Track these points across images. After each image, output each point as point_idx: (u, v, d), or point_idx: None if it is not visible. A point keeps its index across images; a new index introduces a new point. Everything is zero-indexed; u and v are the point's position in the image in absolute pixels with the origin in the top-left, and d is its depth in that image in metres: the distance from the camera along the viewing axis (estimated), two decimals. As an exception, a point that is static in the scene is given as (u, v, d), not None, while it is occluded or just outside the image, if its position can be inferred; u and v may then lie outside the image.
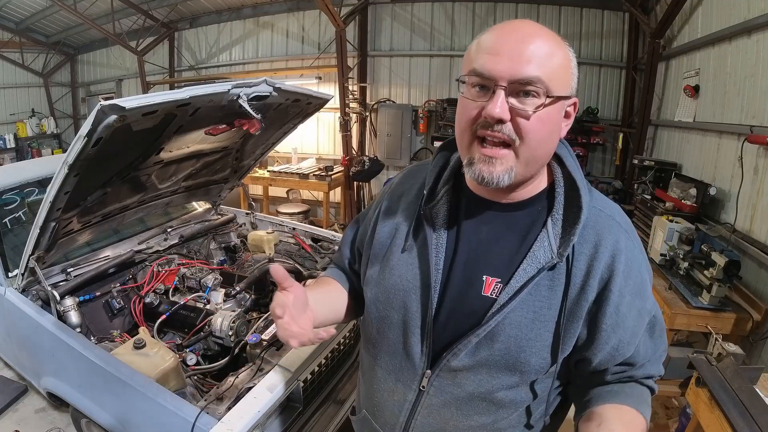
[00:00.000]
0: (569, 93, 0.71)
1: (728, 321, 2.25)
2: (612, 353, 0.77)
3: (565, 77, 0.70)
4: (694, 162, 3.38)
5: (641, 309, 0.77)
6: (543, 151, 0.72)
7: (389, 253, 0.87)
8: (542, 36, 0.67)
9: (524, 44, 0.66)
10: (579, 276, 0.74)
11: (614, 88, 4.93)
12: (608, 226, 0.76)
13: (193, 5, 6.31)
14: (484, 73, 0.67)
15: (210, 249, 2.65)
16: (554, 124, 0.71)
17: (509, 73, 0.65)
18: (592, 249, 0.74)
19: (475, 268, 0.79)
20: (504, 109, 0.66)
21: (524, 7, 4.99)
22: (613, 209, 0.80)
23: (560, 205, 0.77)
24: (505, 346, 0.75)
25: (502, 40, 0.67)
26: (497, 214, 0.80)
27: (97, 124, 1.22)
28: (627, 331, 0.76)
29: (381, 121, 5.59)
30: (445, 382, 0.81)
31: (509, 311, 0.74)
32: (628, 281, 0.74)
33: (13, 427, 2.19)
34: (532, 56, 0.65)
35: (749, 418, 1.39)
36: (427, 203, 0.83)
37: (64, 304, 1.76)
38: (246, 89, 1.59)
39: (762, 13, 2.54)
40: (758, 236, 2.50)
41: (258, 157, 2.66)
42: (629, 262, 0.74)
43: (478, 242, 0.80)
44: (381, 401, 0.91)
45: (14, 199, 2.23)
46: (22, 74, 7.76)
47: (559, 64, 0.68)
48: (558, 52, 0.68)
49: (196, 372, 1.69)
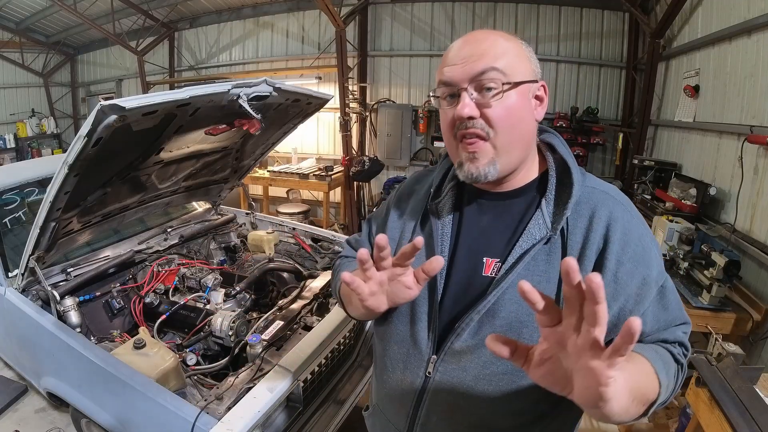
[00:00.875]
0: (531, 77, 0.77)
1: (728, 321, 2.25)
2: (614, 322, 0.74)
3: (520, 63, 0.76)
4: (694, 162, 3.38)
5: (646, 276, 0.75)
6: (518, 135, 0.77)
7: (399, 246, 0.91)
8: (490, 36, 0.76)
9: (475, 47, 0.74)
10: (575, 248, 0.76)
11: (614, 88, 4.92)
12: (603, 199, 0.79)
13: (193, 5, 6.31)
14: (448, 81, 0.76)
15: (210, 249, 2.65)
16: (522, 107, 0.76)
17: (466, 74, 0.73)
18: (587, 222, 0.77)
19: (477, 253, 0.83)
20: (471, 107, 0.73)
21: (524, 7, 4.99)
22: (607, 187, 0.82)
23: (553, 186, 0.80)
24: (506, 322, 0.76)
25: (457, 52, 0.76)
26: (495, 203, 0.85)
27: (97, 124, 1.22)
28: (630, 299, 0.75)
29: (381, 121, 5.59)
30: (451, 366, 0.81)
31: (507, 286, 0.76)
32: (626, 248, 0.75)
33: (13, 427, 2.19)
34: (483, 53, 0.73)
35: (749, 418, 1.39)
36: (434, 199, 0.89)
37: (64, 304, 1.76)
38: (246, 89, 1.59)
39: (762, 13, 2.54)
40: (758, 236, 2.50)
41: (258, 157, 2.66)
42: (626, 231, 0.76)
43: (479, 230, 0.85)
44: (390, 392, 0.92)
45: (14, 199, 2.23)
46: (22, 74, 7.76)
47: (512, 53, 0.75)
48: (507, 44, 0.76)
49: (196, 372, 1.69)
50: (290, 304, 2.03)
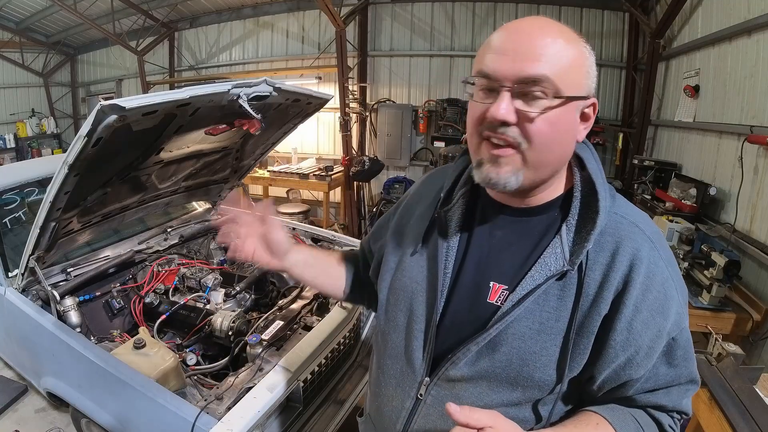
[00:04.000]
0: (584, 93, 0.66)
1: (728, 321, 2.25)
2: (618, 372, 0.70)
3: (577, 76, 0.65)
4: (694, 162, 3.38)
5: (662, 329, 0.68)
6: (554, 156, 0.68)
7: (403, 255, 0.86)
8: (552, 32, 0.63)
9: (531, 41, 0.62)
10: (592, 286, 0.68)
11: (614, 88, 4.92)
12: (630, 233, 0.69)
13: (193, 5, 6.31)
14: (490, 73, 0.64)
15: (210, 249, 2.66)
16: (566, 126, 0.66)
17: (514, 72, 0.62)
18: (609, 258, 0.68)
19: (484, 274, 0.76)
20: (509, 111, 0.62)
21: (524, 7, 4.99)
22: (637, 216, 0.73)
23: (576, 210, 0.71)
24: (507, 357, 0.71)
25: (509, 39, 0.64)
26: (511, 219, 0.76)
27: (97, 124, 1.22)
28: (640, 351, 0.68)
29: (381, 121, 5.59)
30: (443, 392, 0.77)
31: (512, 320, 0.70)
32: (647, 295, 0.67)
33: (13, 427, 2.19)
34: (539, 54, 0.61)
35: (749, 418, 1.39)
36: (443, 206, 0.81)
37: (64, 304, 1.77)
38: (246, 89, 1.58)
39: (762, 13, 2.54)
40: (758, 236, 2.50)
41: (258, 157, 2.65)
42: (650, 274, 0.67)
43: (490, 247, 0.77)
44: (381, 406, 0.89)
45: (14, 199, 2.23)
46: (22, 74, 7.76)
47: (571, 61, 0.63)
48: (569, 49, 0.63)
49: (196, 372, 1.69)
50: (290, 304, 2.03)
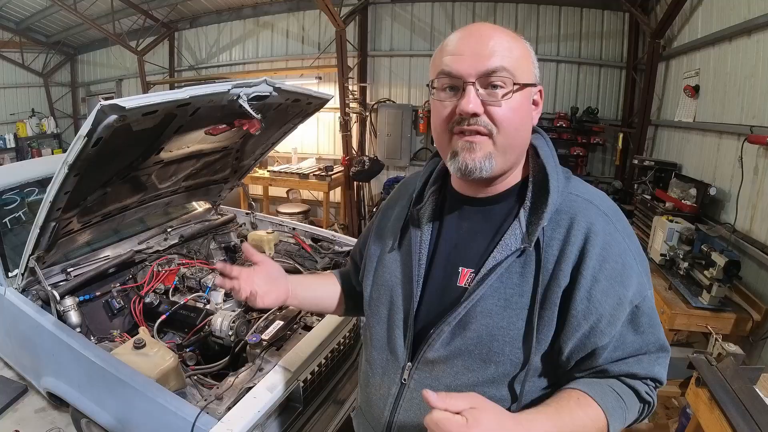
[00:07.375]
0: (534, 81, 0.76)
1: (728, 321, 2.25)
2: (583, 341, 0.73)
3: (526, 66, 0.74)
4: (694, 162, 3.38)
5: (622, 296, 0.72)
6: (519, 139, 0.76)
7: (382, 253, 0.93)
8: (498, 32, 0.73)
9: (484, 41, 0.72)
10: (551, 261, 0.73)
11: (614, 88, 4.92)
12: (583, 209, 0.75)
13: (193, 5, 6.31)
14: (452, 72, 0.72)
15: (210, 249, 2.65)
16: (525, 111, 0.75)
17: (475, 68, 0.70)
18: (565, 233, 0.74)
19: (454, 261, 0.82)
20: (477, 103, 0.70)
21: (524, 7, 4.99)
22: (593, 194, 0.79)
23: (531, 194, 0.78)
24: (476, 334, 0.76)
25: (463, 42, 0.73)
26: (476, 209, 0.83)
27: (97, 124, 1.22)
28: (602, 319, 0.72)
29: (381, 121, 5.59)
30: (424, 374, 0.82)
31: (478, 298, 0.75)
32: (604, 265, 0.71)
33: (13, 427, 2.19)
34: (494, 50, 0.71)
35: (749, 418, 1.39)
36: (416, 205, 0.88)
37: (64, 304, 1.76)
38: (246, 89, 1.59)
39: (762, 13, 2.54)
40: (758, 236, 2.50)
41: (258, 157, 2.66)
42: (606, 245, 0.72)
43: (458, 237, 0.84)
44: (370, 396, 0.94)
45: (14, 199, 2.23)
46: (22, 74, 7.76)
47: (519, 54, 0.73)
48: (516, 45, 0.74)
49: (196, 372, 1.69)
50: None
